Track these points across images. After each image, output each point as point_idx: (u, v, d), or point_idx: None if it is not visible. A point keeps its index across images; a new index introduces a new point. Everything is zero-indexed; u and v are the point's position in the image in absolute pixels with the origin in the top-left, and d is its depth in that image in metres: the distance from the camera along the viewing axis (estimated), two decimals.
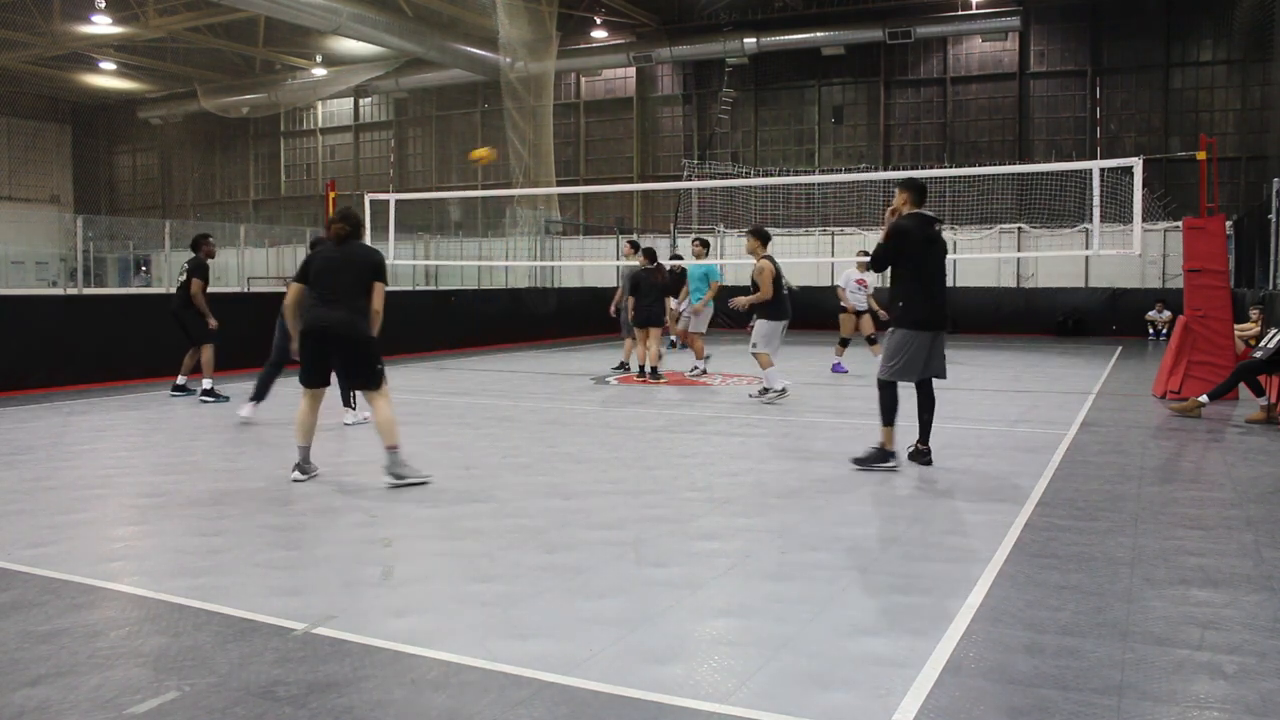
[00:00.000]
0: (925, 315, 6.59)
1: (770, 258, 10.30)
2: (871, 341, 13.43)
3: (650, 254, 12.39)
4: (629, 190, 29.28)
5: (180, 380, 10.77)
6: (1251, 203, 20.15)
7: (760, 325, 10.34)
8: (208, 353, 10.44)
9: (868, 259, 7.89)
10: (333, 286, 6.36)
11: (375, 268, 6.45)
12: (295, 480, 6.34)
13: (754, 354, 10.38)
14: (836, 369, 13.57)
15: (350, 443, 7.92)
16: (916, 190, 6.70)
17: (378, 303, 6.40)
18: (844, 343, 13.88)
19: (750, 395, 10.76)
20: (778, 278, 10.31)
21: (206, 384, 10.38)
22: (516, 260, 24.68)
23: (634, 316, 12.18)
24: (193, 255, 10.56)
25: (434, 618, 3.78)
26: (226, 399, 10.16)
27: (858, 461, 6.74)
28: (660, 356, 12.44)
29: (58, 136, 39.26)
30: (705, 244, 13.10)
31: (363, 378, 6.44)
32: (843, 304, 13.81)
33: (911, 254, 6.54)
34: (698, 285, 13.25)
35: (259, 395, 8.94)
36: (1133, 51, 24.45)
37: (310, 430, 6.47)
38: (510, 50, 25.55)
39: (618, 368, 13.52)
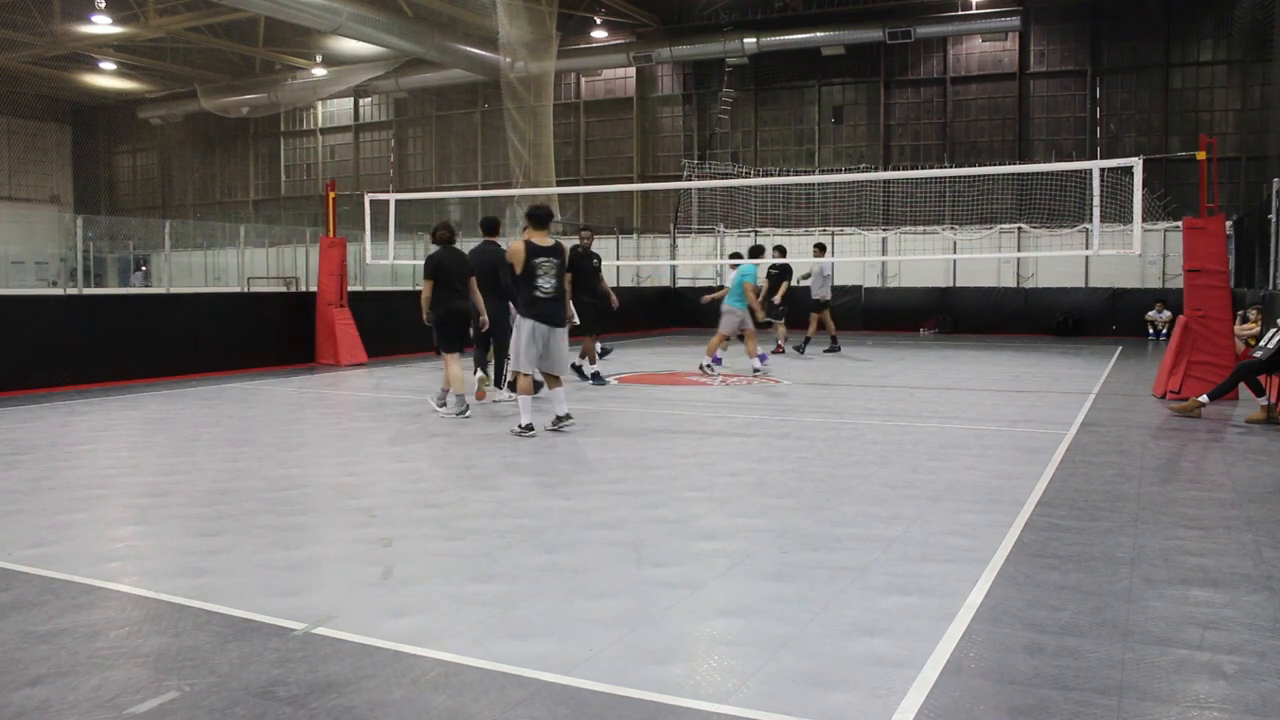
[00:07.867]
0: None
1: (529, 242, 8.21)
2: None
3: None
4: (629, 190, 29.26)
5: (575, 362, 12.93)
6: (1251, 203, 20.15)
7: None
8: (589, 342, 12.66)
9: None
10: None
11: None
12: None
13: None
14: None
15: (358, 442, 7.91)
16: None
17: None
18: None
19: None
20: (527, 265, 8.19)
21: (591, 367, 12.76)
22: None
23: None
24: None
25: (434, 618, 3.78)
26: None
27: None
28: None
29: (58, 136, 39.23)
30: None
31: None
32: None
33: None
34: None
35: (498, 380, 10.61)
36: (1133, 51, 24.43)
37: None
38: (510, 50, 25.53)
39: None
